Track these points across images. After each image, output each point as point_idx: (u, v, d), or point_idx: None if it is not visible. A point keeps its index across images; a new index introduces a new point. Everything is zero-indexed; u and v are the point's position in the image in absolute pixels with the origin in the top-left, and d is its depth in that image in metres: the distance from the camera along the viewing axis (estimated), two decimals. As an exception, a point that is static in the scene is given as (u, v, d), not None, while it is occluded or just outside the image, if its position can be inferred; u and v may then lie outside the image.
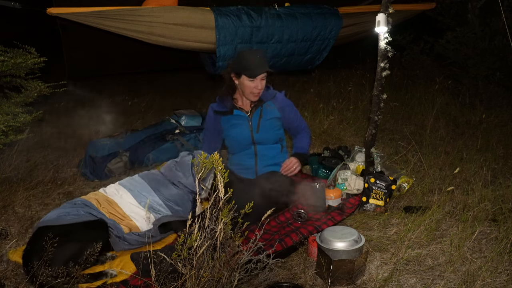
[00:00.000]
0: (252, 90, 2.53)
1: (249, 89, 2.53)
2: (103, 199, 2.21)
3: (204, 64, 4.15)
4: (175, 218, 2.25)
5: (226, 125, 2.70)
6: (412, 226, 2.25)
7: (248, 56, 2.52)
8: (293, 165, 2.63)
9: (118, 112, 5.24)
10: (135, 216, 2.19)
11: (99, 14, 2.96)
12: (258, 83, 2.51)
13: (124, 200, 2.22)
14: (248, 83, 2.52)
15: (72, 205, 2.13)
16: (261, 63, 2.49)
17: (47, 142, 4.13)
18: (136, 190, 2.27)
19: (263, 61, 2.51)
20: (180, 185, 2.34)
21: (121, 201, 2.21)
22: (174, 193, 2.31)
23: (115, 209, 2.17)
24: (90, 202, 2.15)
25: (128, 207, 2.20)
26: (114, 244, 2.11)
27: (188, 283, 1.57)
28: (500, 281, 1.84)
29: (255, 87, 2.51)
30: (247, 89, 2.54)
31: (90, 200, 2.18)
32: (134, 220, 2.18)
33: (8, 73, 2.74)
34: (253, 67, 2.48)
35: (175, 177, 2.36)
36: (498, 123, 4.13)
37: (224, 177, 1.57)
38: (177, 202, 2.30)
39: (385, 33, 2.48)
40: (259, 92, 2.55)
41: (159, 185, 2.32)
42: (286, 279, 1.94)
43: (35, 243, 1.90)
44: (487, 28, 4.50)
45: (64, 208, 2.10)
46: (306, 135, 2.83)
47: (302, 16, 3.79)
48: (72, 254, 1.87)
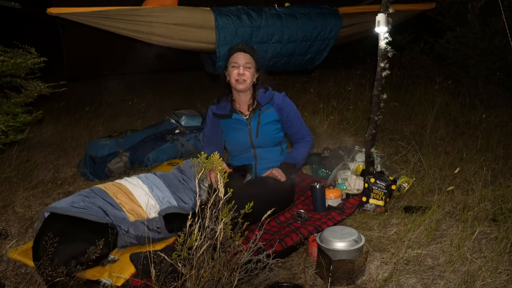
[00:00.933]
0: (235, 77, 2.53)
1: (233, 76, 2.55)
2: (116, 186, 2.27)
3: (204, 64, 4.14)
4: (180, 210, 2.27)
5: (226, 128, 2.70)
6: (412, 226, 2.25)
7: (231, 48, 2.60)
8: (274, 177, 2.54)
9: (118, 112, 5.25)
10: (143, 203, 2.22)
11: (99, 14, 2.96)
12: (241, 69, 2.52)
13: (135, 187, 2.28)
14: (231, 69, 2.55)
15: (85, 192, 2.20)
16: (241, 47, 2.55)
17: (47, 142, 4.14)
18: (149, 182, 2.34)
19: (246, 47, 2.55)
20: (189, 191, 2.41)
21: (133, 187, 2.28)
22: (185, 198, 2.36)
23: (124, 193, 2.22)
24: (101, 190, 2.21)
25: (138, 193, 2.25)
26: (119, 240, 2.12)
27: (188, 283, 1.58)
28: (500, 281, 1.84)
29: (237, 73, 2.52)
30: (232, 78, 2.55)
31: (102, 187, 2.24)
32: (143, 206, 2.21)
33: (8, 73, 2.74)
34: (230, 52, 2.56)
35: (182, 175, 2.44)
36: (498, 123, 4.13)
37: (224, 177, 1.57)
38: (187, 202, 2.33)
39: (385, 33, 2.48)
40: (244, 81, 2.54)
41: (173, 186, 2.38)
42: (286, 279, 1.94)
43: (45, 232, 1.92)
44: (487, 28, 4.50)
45: (77, 194, 2.16)
46: (304, 145, 2.72)
47: (302, 16, 3.79)
48: (75, 254, 1.88)
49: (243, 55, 2.52)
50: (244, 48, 2.54)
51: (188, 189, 2.39)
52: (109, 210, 2.10)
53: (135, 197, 2.23)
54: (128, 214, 2.14)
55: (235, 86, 2.57)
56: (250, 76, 2.55)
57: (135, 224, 2.14)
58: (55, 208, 2.04)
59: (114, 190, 2.23)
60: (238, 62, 2.51)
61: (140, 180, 2.35)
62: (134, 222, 2.14)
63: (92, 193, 2.19)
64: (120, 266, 2.04)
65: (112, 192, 2.21)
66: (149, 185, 2.32)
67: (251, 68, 2.54)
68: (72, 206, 2.04)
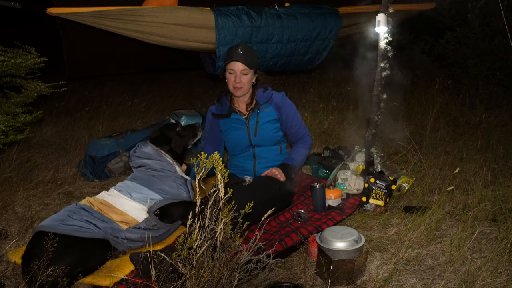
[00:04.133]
0: (233, 84, 2.53)
1: (230, 83, 2.55)
2: (97, 201, 2.23)
3: (204, 64, 4.15)
4: (169, 201, 2.26)
5: (225, 128, 2.70)
6: (412, 226, 2.26)
7: (230, 49, 2.55)
8: (274, 176, 2.54)
9: (118, 112, 5.25)
10: (129, 210, 2.19)
11: (99, 14, 2.96)
12: (237, 76, 2.50)
13: (115, 198, 2.24)
14: (228, 75, 2.55)
15: (70, 208, 2.15)
16: (237, 54, 2.48)
17: (47, 142, 4.14)
18: (125, 190, 2.29)
19: (243, 54, 2.48)
20: (158, 173, 2.36)
21: (113, 199, 2.23)
22: (158, 182, 2.32)
23: (109, 207, 2.18)
24: (86, 205, 2.16)
25: (120, 202, 2.21)
26: (117, 244, 2.11)
27: (188, 283, 1.58)
28: (500, 281, 1.84)
29: (234, 81, 2.51)
30: (230, 84, 2.56)
31: (86, 203, 2.19)
32: (129, 213, 2.18)
33: (8, 73, 2.74)
34: (228, 56, 2.52)
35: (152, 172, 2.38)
36: (498, 123, 4.13)
37: (224, 177, 1.57)
38: (165, 189, 2.31)
39: (385, 33, 2.48)
40: (241, 87, 2.53)
41: (142, 180, 2.34)
42: (286, 279, 1.94)
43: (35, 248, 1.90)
44: (487, 28, 4.50)
45: (63, 211, 2.11)
46: (303, 146, 2.73)
47: (302, 16, 3.79)
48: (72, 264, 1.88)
49: (239, 63, 2.50)
50: (240, 57, 2.47)
51: (164, 178, 2.36)
52: (99, 224, 2.07)
53: (118, 208, 2.19)
54: (120, 224, 2.13)
55: (232, 92, 2.59)
56: (247, 82, 2.55)
57: (129, 230, 2.14)
58: (44, 227, 1.98)
59: (98, 205, 2.19)
60: (234, 69, 2.50)
61: (116, 191, 2.31)
62: (128, 229, 2.14)
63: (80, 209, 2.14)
64: (120, 265, 2.04)
65: (97, 207, 2.18)
66: (126, 192, 2.27)
67: (247, 74, 2.53)
68: (62, 224, 1.99)
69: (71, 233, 1.96)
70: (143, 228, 2.16)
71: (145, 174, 2.38)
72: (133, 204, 2.21)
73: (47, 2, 2.91)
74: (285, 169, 2.57)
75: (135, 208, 2.20)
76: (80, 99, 5.78)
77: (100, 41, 3.73)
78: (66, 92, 3.21)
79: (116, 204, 2.21)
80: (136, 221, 2.18)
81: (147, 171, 2.39)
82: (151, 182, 2.32)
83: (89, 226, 2.03)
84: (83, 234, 1.98)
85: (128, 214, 2.18)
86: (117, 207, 2.19)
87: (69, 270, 1.84)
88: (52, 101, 4.96)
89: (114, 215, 2.15)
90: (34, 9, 2.90)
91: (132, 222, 2.17)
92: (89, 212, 2.12)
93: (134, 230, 2.15)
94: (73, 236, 1.95)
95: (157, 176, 2.35)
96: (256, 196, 2.10)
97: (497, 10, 4.31)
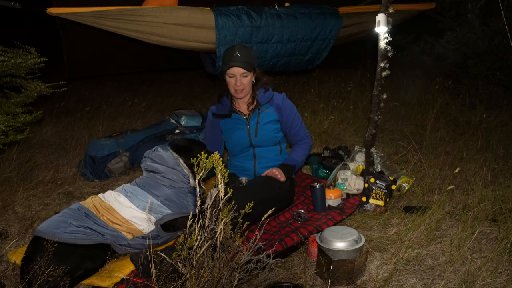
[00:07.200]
0: (233, 87, 2.53)
1: (231, 86, 2.55)
2: (102, 206, 2.17)
3: (204, 64, 4.15)
4: (178, 215, 2.24)
5: (225, 128, 2.70)
6: (412, 226, 2.26)
7: (227, 51, 2.53)
8: (274, 176, 2.54)
9: (118, 112, 5.25)
10: (136, 221, 2.16)
11: (99, 14, 2.95)
12: (237, 79, 2.50)
13: (122, 206, 2.18)
14: (228, 79, 2.54)
15: (73, 212, 2.10)
16: (235, 58, 2.45)
17: (47, 142, 4.14)
18: (133, 195, 2.25)
19: (241, 58, 2.45)
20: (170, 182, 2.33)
21: (120, 206, 2.18)
22: (168, 193, 2.28)
23: (115, 216, 2.13)
24: (91, 212, 2.12)
25: (127, 211, 2.16)
26: (117, 248, 2.10)
27: (188, 283, 1.58)
28: (500, 281, 1.84)
29: (235, 84, 2.51)
30: (230, 87, 2.55)
31: (90, 208, 2.14)
32: (136, 225, 2.15)
33: (8, 73, 2.74)
34: (226, 61, 2.50)
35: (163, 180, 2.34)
36: (498, 123, 4.13)
37: (225, 177, 1.57)
38: (173, 200, 2.27)
39: (385, 33, 2.48)
40: (242, 90, 2.53)
41: (151, 187, 2.29)
42: (286, 279, 1.94)
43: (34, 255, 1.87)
44: (487, 28, 4.50)
45: (64, 216, 2.05)
46: (303, 146, 2.72)
47: (302, 16, 3.79)
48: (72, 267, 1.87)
49: (239, 68, 2.48)
50: (238, 62, 2.44)
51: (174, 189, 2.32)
52: (103, 231, 2.05)
53: (125, 217, 2.15)
54: (125, 234, 2.12)
55: (234, 94, 2.59)
56: (248, 83, 2.55)
57: (134, 240, 2.14)
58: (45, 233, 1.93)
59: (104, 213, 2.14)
60: (234, 73, 2.50)
61: (123, 196, 2.25)
62: (133, 239, 2.14)
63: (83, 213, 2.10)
64: (120, 265, 2.04)
65: (102, 214, 2.13)
66: (134, 198, 2.23)
67: (247, 76, 2.53)
68: (64, 232, 1.94)
69: (73, 241, 1.93)
70: (147, 238, 2.15)
71: (156, 182, 2.32)
72: (140, 215, 2.17)
73: (47, 2, 2.91)
74: (285, 169, 2.57)
75: (142, 219, 2.17)
76: (80, 99, 5.78)
77: (100, 41, 3.73)
78: (66, 92, 3.21)
79: (122, 212, 2.16)
80: (142, 232, 2.17)
81: (160, 178, 2.33)
82: (162, 192, 2.27)
83: (91, 233, 2.01)
84: (85, 241, 1.96)
85: (134, 225, 2.16)
86: (123, 215, 2.15)
87: (69, 274, 1.83)
88: (52, 101, 4.96)
89: (120, 226, 2.12)
90: (34, 9, 2.90)
91: (138, 233, 2.16)
92: (93, 220, 2.08)
93: (138, 239, 2.15)
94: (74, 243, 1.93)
95: (168, 187, 2.31)
96: (256, 196, 2.10)
97: (497, 10, 4.31)
